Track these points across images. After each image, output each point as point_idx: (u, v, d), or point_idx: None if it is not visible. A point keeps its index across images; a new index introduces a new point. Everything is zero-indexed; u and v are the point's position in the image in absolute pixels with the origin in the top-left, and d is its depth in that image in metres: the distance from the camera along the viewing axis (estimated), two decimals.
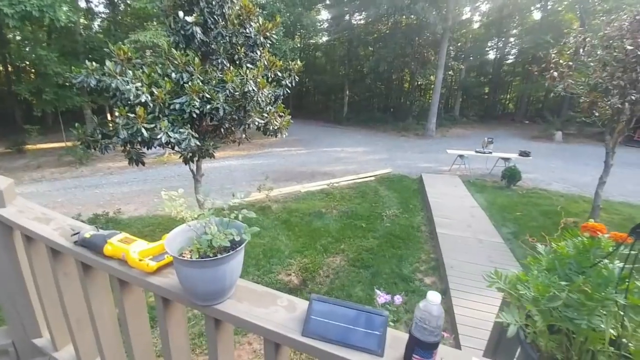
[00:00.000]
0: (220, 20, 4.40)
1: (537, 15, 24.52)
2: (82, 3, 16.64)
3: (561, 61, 5.93)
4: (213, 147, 4.66)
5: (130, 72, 3.85)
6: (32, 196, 8.14)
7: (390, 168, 11.31)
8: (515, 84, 28.34)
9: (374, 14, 22.93)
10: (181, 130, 3.89)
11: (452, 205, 7.20)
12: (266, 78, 4.57)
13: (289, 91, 5.12)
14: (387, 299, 2.52)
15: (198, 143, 4.10)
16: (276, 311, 0.88)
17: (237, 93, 4.07)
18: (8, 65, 18.30)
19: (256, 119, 4.60)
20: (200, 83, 3.96)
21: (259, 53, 4.79)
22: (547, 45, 14.95)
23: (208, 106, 3.96)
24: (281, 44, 16.92)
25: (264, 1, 16.02)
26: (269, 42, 4.90)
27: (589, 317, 0.55)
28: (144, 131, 3.66)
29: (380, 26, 25.54)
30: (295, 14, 20.53)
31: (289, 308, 0.89)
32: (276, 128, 4.88)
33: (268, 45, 4.93)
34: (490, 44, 27.78)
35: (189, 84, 3.87)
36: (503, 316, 0.64)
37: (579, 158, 13.60)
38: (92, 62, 3.80)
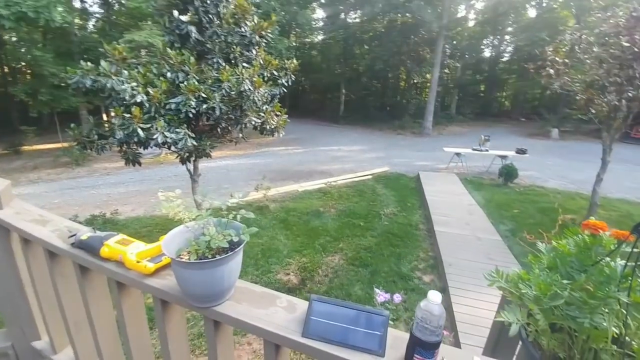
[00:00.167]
0: (215, 19, 4.38)
1: (533, 12, 24.61)
2: (77, 3, 16.59)
3: (557, 58, 5.94)
4: (210, 147, 4.64)
5: (125, 72, 3.83)
6: (29, 197, 8.09)
7: (387, 166, 11.32)
8: (511, 82, 28.39)
9: (370, 12, 22.92)
10: (177, 130, 3.87)
11: (450, 203, 7.22)
12: (262, 77, 4.56)
13: (285, 90, 5.11)
14: (387, 298, 2.52)
15: (194, 143, 4.09)
16: (276, 312, 0.87)
17: (233, 92, 4.06)
18: (4, 66, 18.18)
19: (253, 118, 4.58)
20: (196, 82, 3.94)
21: (255, 52, 4.78)
22: (543, 42, 15.00)
23: (204, 106, 3.94)
24: (277, 43, 16.88)
25: (259, 0, 15.97)
26: (265, 41, 4.88)
27: (592, 316, 0.55)
28: (140, 131, 3.64)
29: (375, 24, 25.51)
30: (290, 13, 20.50)
31: (289, 309, 0.89)
32: (273, 127, 4.87)
33: (264, 44, 4.91)
34: (485, 42, 27.84)
35: (185, 84, 3.85)
36: (504, 315, 0.63)
37: (576, 155, 13.68)
38: (87, 62, 3.78)
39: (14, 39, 15.11)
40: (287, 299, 0.92)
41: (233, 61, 4.71)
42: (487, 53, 28.34)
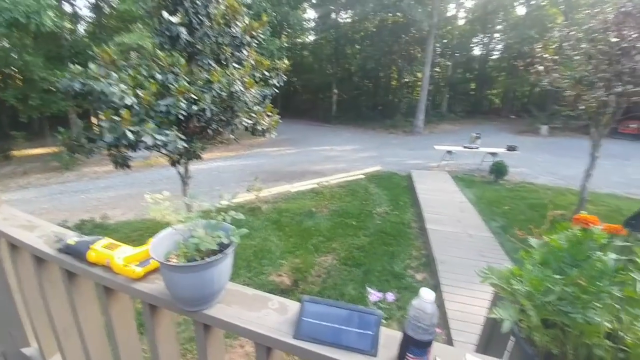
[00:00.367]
0: (205, 20, 4.33)
1: (522, 10, 24.89)
2: (68, 7, 16.36)
3: (546, 55, 6.01)
4: (200, 149, 4.60)
5: (114, 75, 3.77)
6: (19, 203, 7.95)
7: (379, 165, 11.35)
8: (501, 79, 28.70)
9: (361, 12, 22.98)
10: (167, 132, 3.82)
11: (442, 200, 7.26)
12: (253, 78, 4.53)
13: (277, 91, 5.09)
14: (379, 297, 2.51)
15: (185, 145, 4.04)
16: (267, 314, 0.86)
17: (224, 93, 4.02)
18: None
19: (244, 119, 4.55)
20: (186, 84, 3.89)
21: (246, 53, 4.74)
22: (532, 40, 15.21)
23: (195, 107, 3.89)
24: (268, 44, 16.83)
25: (250, 1, 15.90)
26: (256, 42, 4.85)
27: (584, 311, 0.55)
28: (129, 134, 3.58)
29: (367, 24, 25.59)
30: (281, 13, 20.45)
31: (280, 310, 0.88)
32: (264, 128, 4.84)
33: (255, 44, 4.88)
34: (475, 40, 28.11)
35: (175, 85, 3.80)
36: (497, 311, 0.63)
37: (565, 151, 13.88)
38: (76, 66, 3.73)
39: (7, 45, 14.91)
40: (279, 301, 0.91)
41: (224, 62, 4.67)
42: (477, 51, 28.66)
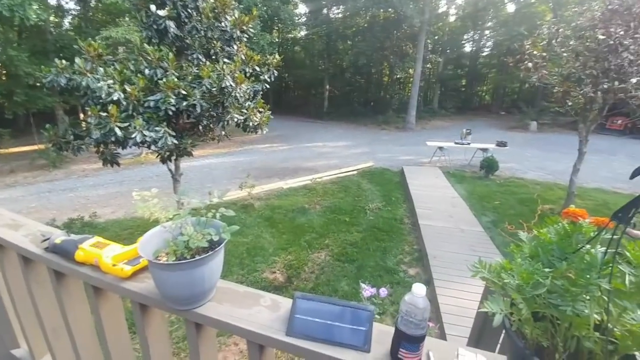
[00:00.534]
0: (194, 13, 4.27)
1: (511, 7, 25.11)
2: (52, 0, 15.97)
3: (535, 52, 6.07)
4: (191, 145, 4.55)
5: (101, 69, 3.71)
6: (6, 202, 7.80)
7: (372, 161, 11.38)
8: (491, 76, 28.97)
9: (352, 8, 22.91)
10: (157, 128, 3.78)
11: (434, 196, 7.32)
12: (244, 73, 4.49)
13: (268, 86, 5.05)
14: (373, 292, 2.53)
15: (175, 141, 3.99)
16: (259, 312, 0.85)
17: (214, 89, 3.98)
18: None
19: (235, 115, 4.51)
20: (175, 79, 3.84)
21: (236, 47, 4.70)
22: (521, 37, 15.34)
23: (184, 103, 3.85)
24: (259, 39, 16.69)
25: None
26: (246, 36, 4.81)
27: (574, 303, 0.55)
28: (118, 130, 3.53)
29: (358, 20, 25.53)
30: (272, 8, 20.28)
31: (273, 308, 0.87)
32: (256, 124, 4.81)
33: (245, 39, 4.83)
34: (466, 37, 28.28)
35: (164, 80, 3.75)
36: (488, 305, 0.63)
37: (554, 147, 14.08)
38: (62, 61, 3.65)
39: None
40: (271, 298, 0.90)
41: (214, 57, 4.62)
42: (468, 48, 28.84)
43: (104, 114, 3.55)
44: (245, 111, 4.67)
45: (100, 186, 9.20)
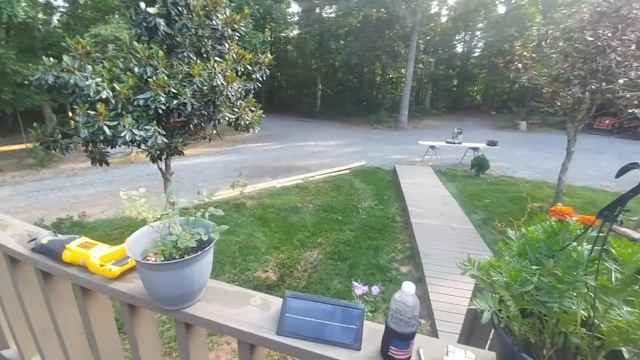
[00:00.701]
0: (184, 11, 4.22)
1: (502, 9, 25.38)
2: None
3: (525, 53, 6.15)
4: (182, 144, 4.51)
5: (89, 67, 3.65)
6: None
7: (364, 160, 11.41)
8: (482, 77, 29.26)
9: (345, 7, 22.90)
10: (147, 127, 3.73)
11: (425, 194, 7.37)
12: (235, 72, 4.46)
13: (260, 85, 5.03)
14: (365, 290, 2.54)
15: (165, 140, 3.95)
16: (249, 311, 0.85)
17: (205, 87, 3.95)
18: None
19: (226, 114, 4.48)
20: (165, 77, 3.80)
21: (227, 46, 4.66)
22: (512, 38, 15.49)
23: (175, 101, 3.81)
24: (251, 37, 16.59)
25: None
26: (238, 35, 4.77)
27: (561, 300, 0.56)
28: (106, 129, 3.47)
29: (351, 19, 25.53)
30: (264, 6, 20.18)
31: (263, 307, 0.86)
32: (248, 123, 4.78)
33: (236, 37, 4.79)
34: (457, 38, 28.51)
35: (153, 79, 3.70)
36: (477, 303, 0.63)
37: (543, 146, 14.29)
38: (50, 58, 3.59)
39: None
40: (261, 297, 0.90)
41: (205, 55, 4.58)
42: (459, 48, 29.08)
43: (93, 113, 3.49)
44: (236, 110, 4.64)
45: (89, 185, 9.06)
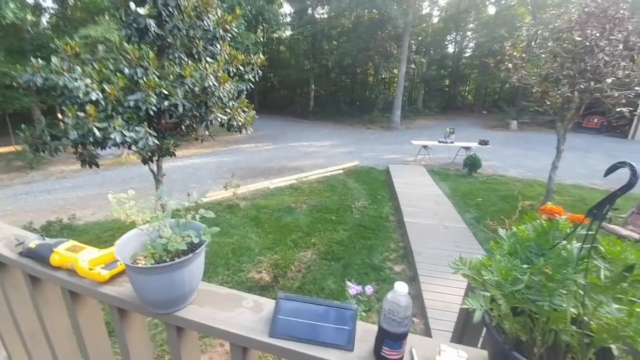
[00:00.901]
0: (175, 12, 4.19)
1: (492, 9, 25.64)
2: None
3: (515, 53, 6.22)
4: (174, 146, 4.47)
5: (78, 69, 3.60)
6: None
7: (357, 160, 11.44)
8: (473, 77, 29.55)
9: (337, 8, 22.95)
10: (137, 128, 3.69)
11: (418, 194, 7.41)
12: (227, 72, 4.43)
13: (253, 86, 5.01)
14: (359, 290, 2.54)
15: (157, 141, 3.91)
16: (241, 313, 0.84)
17: (197, 88, 3.92)
18: None
19: (219, 115, 4.45)
20: (156, 78, 3.76)
21: (219, 47, 4.63)
22: (502, 38, 15.66)
23: (166, 102, 3.77)
24: (243, 38, 16.53)
25: None
26: (229, 36, 4.75)
27: (551, 298, 0.56)
28: (96, 131, 3.43)
29: (343, 20, 25.61)
30: (256, 7, 20.11)
31: (255, 309, 0.86)
32: (240, 124, 4.75)
33: (228, 38, 4.77)
34: (449, 38, 28.76)
35: (144, 80, 3.66)
36: (468, 302, 0.64)
37: (533, 145, 14.46)
38: (39, 60, 3.54)
39: None
40: (254, 299, 0.89)
41: (196, 56, 4.55)
42: (451, 49, 29.32)
43: (82, 114, 3.44)
44: (229, 111, 4.61)
45: (79, 188, 8.94)
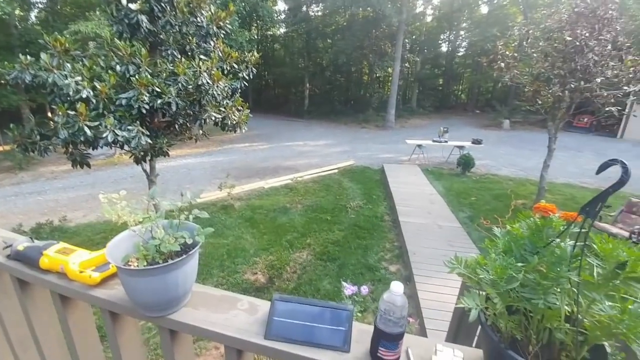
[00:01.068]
0: (168, 7, 4.14)
1: (485, 9, 25.82)
2: None
3: (507, 53, 6.28)
4: (167, 145, 4.42)
5: (68, 65, 3.53)
6: None
7: (352, 160, 11.45)
8: (466, 76, 29.73)
9: (331, 6, 22.94)
10: (130, 127, 3.64)
11: (413, 193, 7.44)
12: (221, 70, 4.39)
13: (247, 84, 4.97)
14: (354, 290, 2.54)
15: (149, 141, 3.86)
16: (236, 315, 0.83)
17: (191, 86, 3.88)
18: None
19: (213, 114, 4.41)
20: (148, 76, 3.71)
21: (213, 44, 4.59)
22: (494, 38, 15.75)
23: (159, 101, 3.72)
24: (237, 35, 16.44)
25: None
26: (223, 32, 4.71)
27: (545, 296, 0.57)
28: (87, 130, 3.37)
29: (337, 18, 25.60)
30: (250, 4, 20.01)
31: (250, 311, 0.85)
32: (234, 123, 4.72)
33: (222, 35, 4.73)
34: (442, 37, 28.87)
35: (136, 77, 3.62)
36: (464, 301, 0.64)
37: (525, 144, 14.60)
38: (27, 56, 3.46)
39: None
40: (249, 301, 0.88)
41: (189, 53, 4.50)
42: (444, 48, 29.44)
43: (73, 113, 3.38)
44: (223, 109, 4.57)
45: (70, 189, 8.82)
